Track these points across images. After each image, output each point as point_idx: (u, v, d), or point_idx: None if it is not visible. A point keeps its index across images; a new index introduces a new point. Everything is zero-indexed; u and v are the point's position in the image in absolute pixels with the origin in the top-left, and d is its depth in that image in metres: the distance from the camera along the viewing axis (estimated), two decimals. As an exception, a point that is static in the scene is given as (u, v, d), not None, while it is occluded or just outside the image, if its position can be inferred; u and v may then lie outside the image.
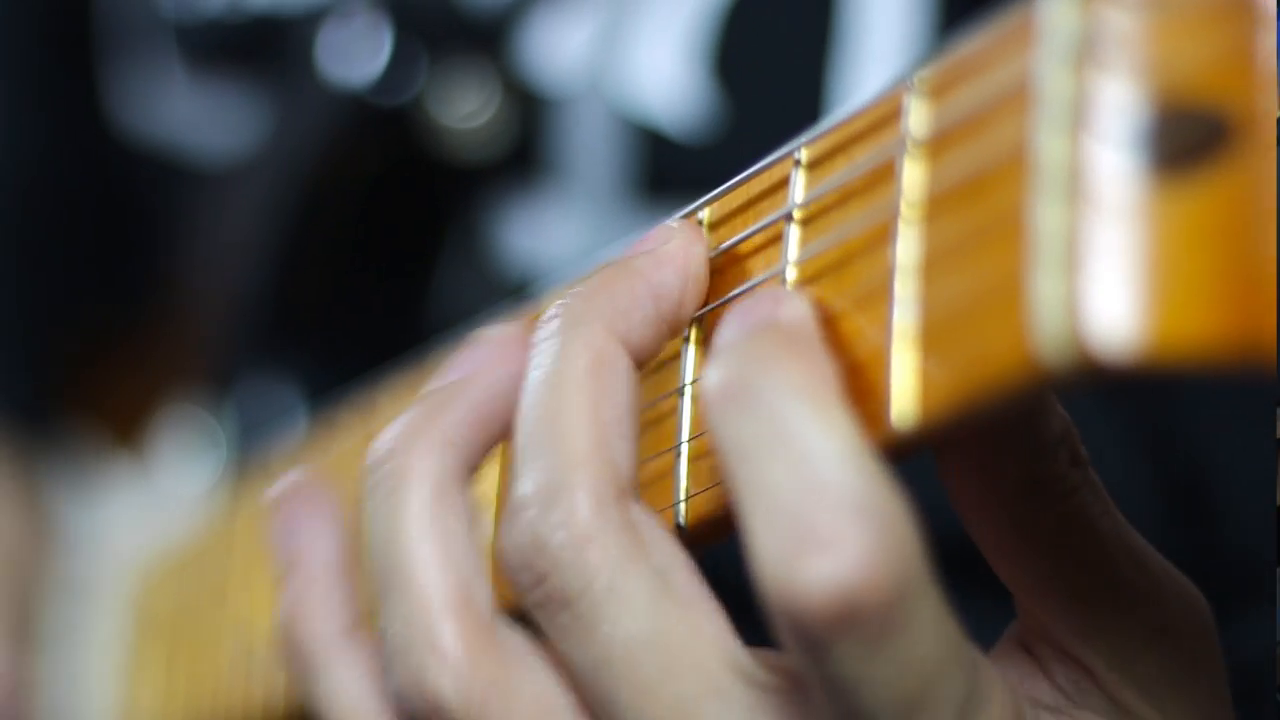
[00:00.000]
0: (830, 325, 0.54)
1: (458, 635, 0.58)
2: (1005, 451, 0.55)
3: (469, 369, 0.62)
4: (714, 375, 0.53)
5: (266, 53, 1.07)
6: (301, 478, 0.75)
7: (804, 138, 0.57)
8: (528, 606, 0.57)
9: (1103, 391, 0.82)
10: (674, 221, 0.61)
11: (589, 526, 0.56)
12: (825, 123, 0.56)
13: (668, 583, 0.56)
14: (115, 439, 1.18)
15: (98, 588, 1.15)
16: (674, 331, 0.60)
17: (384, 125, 0.99)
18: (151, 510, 1.13)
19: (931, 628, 0.51)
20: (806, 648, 0.51)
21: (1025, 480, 0.55)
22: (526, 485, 0.57)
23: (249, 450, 1.05)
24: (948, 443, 0.55)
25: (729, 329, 0.54)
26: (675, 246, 0.60)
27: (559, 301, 0.59)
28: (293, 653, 0.70)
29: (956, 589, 0.53)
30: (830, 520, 0.50)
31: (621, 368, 0.58)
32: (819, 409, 0.51)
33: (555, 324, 0.58)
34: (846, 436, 0.51)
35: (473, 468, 0.60)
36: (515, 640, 0.59)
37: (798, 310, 0.54)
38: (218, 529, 1.01)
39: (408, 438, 0.60)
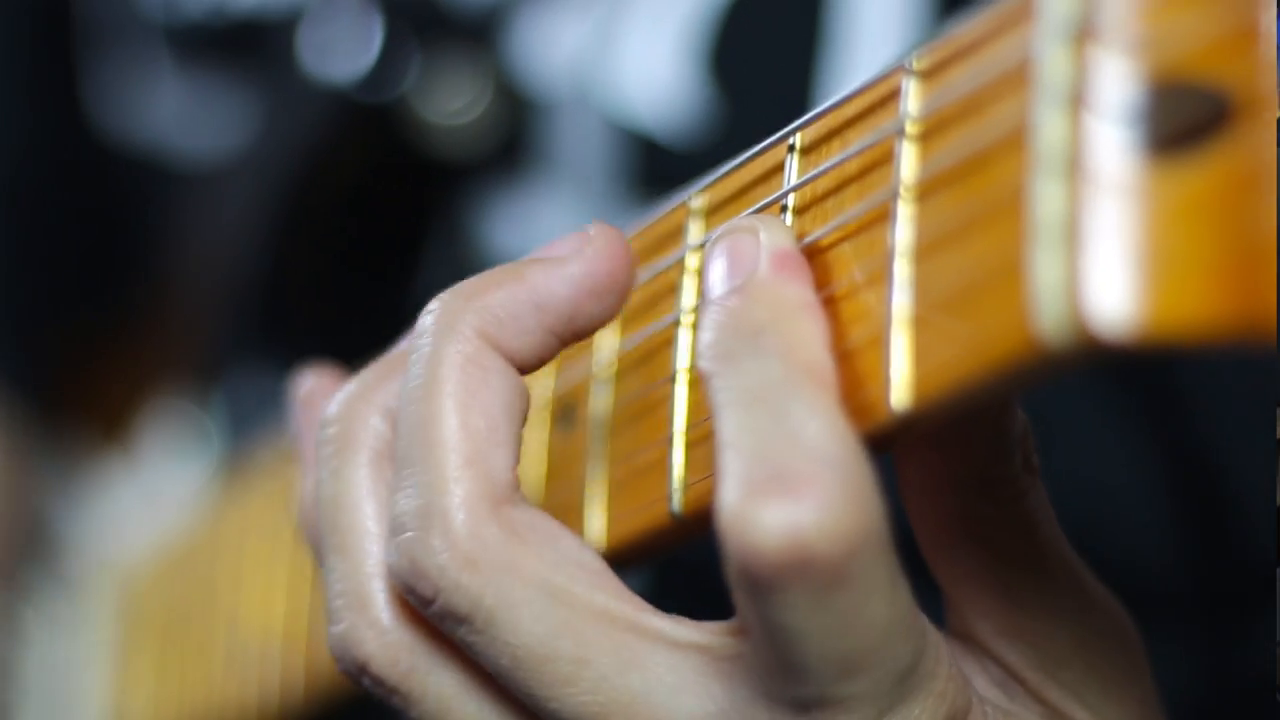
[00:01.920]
0: (829, 310, 0.54)
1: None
2: (965, 446, 0.55)
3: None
4: (706, 335, 0.53)
5: (253, 54, 1.07)
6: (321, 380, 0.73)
7: (799, 122, 0.57)
8: (429, 619, 0.57)
9: (1118, 394, 0.82)
10: (593, 228, 0.60)
11: (466, 547, 0.56)
12: (821, 107, 0.56)
13: (564, 577, 0.56)
14: (105, 436, 1.18)
15: (88, 585, 1.14)
16: (564, 341, 0.59)
17: (371, 122, 0.99)
18: (142, 506, 1.12)
19: (882, 593, 0.51)
20: (753, 592, 0.51)
21: (980, 478, 0.55)
22: (403, 502, 0.57)
23: (239, 444, 1.05)
24: (921, 430, 0.56)
25: (715, 270, 0.55)
26: (577, 259, 0.59)
27: (437, 298, 0.59)
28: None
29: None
30: (801, 467, 0.50)
31: (495, 372, 0.58)
32: (808, 377, 0.52)
33: (429, 323, 0.58)
34: (829, 403, 0.52)
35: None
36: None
37: (785, 252, 0.54)
38: (209, 525, 1.01)
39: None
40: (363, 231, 1.02)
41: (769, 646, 0.53)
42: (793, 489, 0.50)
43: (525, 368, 0.59)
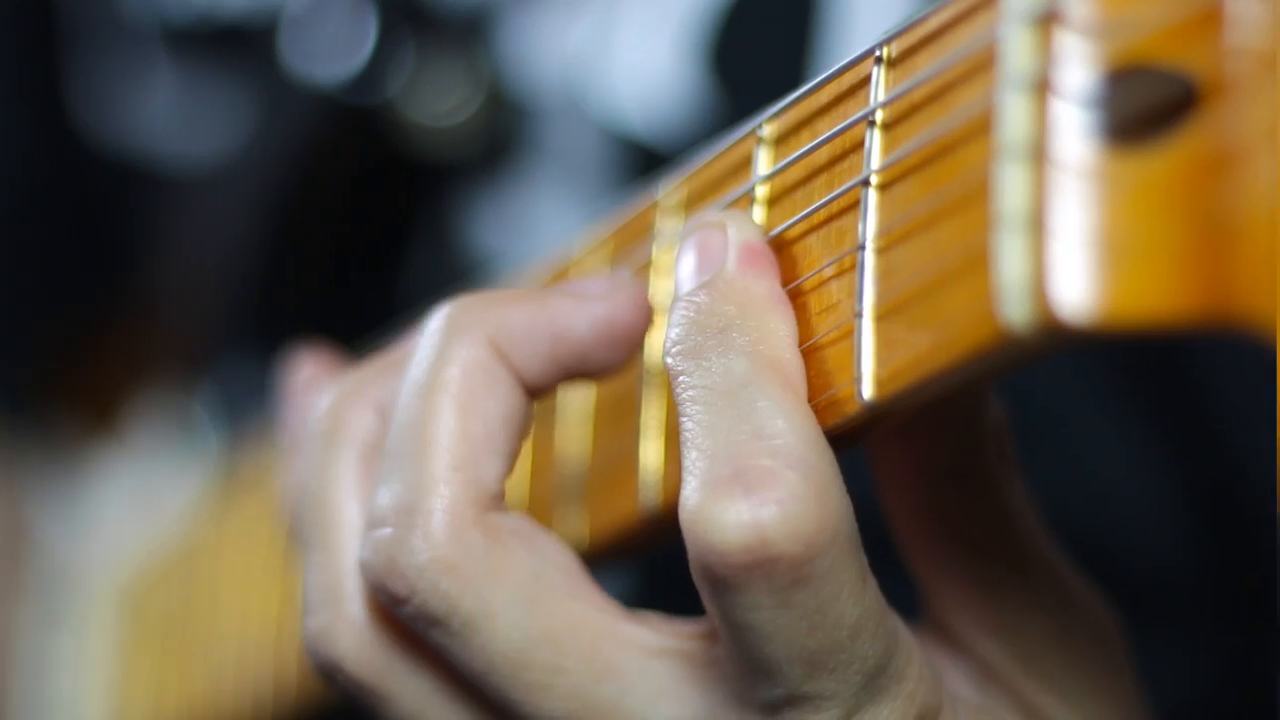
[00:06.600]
0: (798, 303, 0.54)
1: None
2: (935, 436, 0.55)
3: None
4: (674, 331, 0.53)
5: (242, 57, 1.07)
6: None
7: (768, 112, 0.56)
8: (399, 618, 0.57)
9: (1134, 392, 0.81)
10: (626, 277, 0.60)
11: (448, 551, 0.55)
12: (790, 97, 0.56)
13: (543, 584, 0.56)
14: (101, 431, 1.18)
15: (87, 582, 1.14)
16: (568, 376, 0.58)
17: (358, 123, 0.99)
18: (137, 502, 1.12)
19: (849, 591, 0.51)
20: (715, 591, 0.51)
21: (954, 468, 0.55)
22: (386, 497, 0.56)
23: (230, 437, 1.05)
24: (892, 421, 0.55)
25: (685, 265, 0.54)
26: (604, 302, 0.58)
27: (451, 300, 0.58)
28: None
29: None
30: (764, 464, 0.50)
31: (501, 382, 0.57)
32: (774, 373, 0.52)
33: (440, 324, 0.57)
34: (795, 400, 0.51)
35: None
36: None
37: (753, 247, 0.54)
38: (206, 525, 1.01)
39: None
40: (351, 231, 1.02)
41: (735, 647, 0.53)
42: (755, 487, 0.50)
43: (530, 391, 0.58)
